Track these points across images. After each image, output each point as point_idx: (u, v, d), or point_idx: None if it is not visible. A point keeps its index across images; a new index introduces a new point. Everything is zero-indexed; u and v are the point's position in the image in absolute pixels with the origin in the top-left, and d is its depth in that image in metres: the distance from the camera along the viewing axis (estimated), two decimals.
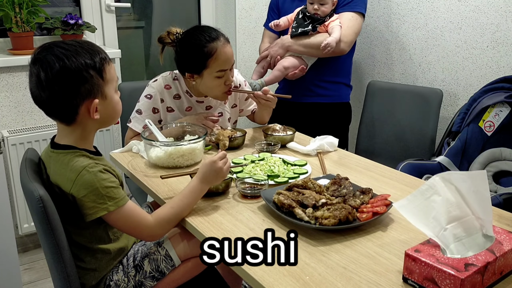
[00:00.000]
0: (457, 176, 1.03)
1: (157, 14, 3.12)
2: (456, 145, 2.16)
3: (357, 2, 2.28)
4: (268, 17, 2.48)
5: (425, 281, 0.95)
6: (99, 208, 1.16)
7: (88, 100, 1.17)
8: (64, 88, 1.14)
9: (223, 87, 1.79)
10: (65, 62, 1.13)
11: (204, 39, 1.72)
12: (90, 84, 1.17)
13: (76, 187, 1.15)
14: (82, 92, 1.16)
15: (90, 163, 1.18)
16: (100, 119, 1.22)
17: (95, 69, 1.17)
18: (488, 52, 2.27)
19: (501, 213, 1.31)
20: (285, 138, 1.84)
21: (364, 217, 1.21)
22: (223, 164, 1.32)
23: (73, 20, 2.50)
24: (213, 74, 1.74)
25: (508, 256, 1.00)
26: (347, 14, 2.27)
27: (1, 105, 2.42)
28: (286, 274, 1.03)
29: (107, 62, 1.21)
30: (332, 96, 2.39)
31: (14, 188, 2.41)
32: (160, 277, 1.32)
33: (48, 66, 1.13)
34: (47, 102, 1.17)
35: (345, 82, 2.44)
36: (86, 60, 1.16)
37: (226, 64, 1.74)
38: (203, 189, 1.32)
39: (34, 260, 2.51)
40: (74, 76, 1.14)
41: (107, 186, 1.17)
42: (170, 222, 1.27)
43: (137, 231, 1.24)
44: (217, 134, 1.77)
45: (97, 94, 1.18)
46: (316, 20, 2.22)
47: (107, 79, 1.21)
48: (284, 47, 2.27)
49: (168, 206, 1.28)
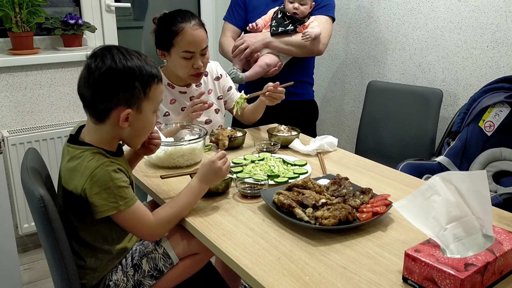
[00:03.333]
0: (457, 176, 1.03)
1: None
2: (456, 145, 2.16)
3: (329, 7, 2.37)
4: (232, 11, 2.47)
5: (425, 281, 0.95)
6: (110, 206, 1.17)
7: (122, 107, 1.19)
8: (105, 88, 1.17)
9: (190, 69, 1.80)
10: (116, 63, 1.17)
11: (175, 20, 1.76)
12: (130, 93, 1.19)
13: (89, 184, 1.16)
14: (120, 97, 1.18)
15: (105, 161, 1.19)
16: (127, 131, 1.24)
17: (141, 82, 1.20)
18: (488, 52, 2.27)
19: (501, 213, 1.31)
20: (289, 139, 1.84)
21: (364, 217, 1.21)
22: (222, 164, 1.32)
23: (73, 20, 2.50)
24: (179, 54, 1.77)
25: (508, 256, 1.00)
26: (322, 17, 2.33)
27: (1, 105, 2.42)
28: (286, 274, 1.03)
29: (156, 82, 1.24)
30: (301, 94, 2.44)
31: (14, 188, 2.41)
32: (158, 275, 1.32)
33: (101, 61, 1.17)
34: (87, 95, 1.19)
35: (310, 81, 2.51)
36: (136, 71, 1.19)
37: (192, 46, 1.76)
38: (202, 189, 1.32)
39: (34, 260, 2.51)
40: (118, 81, 1.17)
41: (119, 186, 1.18)
42: (170, 222, 1.27)
43: (139, 230, 1.25)
44: (217, 134, 1.77)
45: (133, 105, 1.20)
46: (297, 20, 2.26)
47: (149, 97, 1.23)
48: (264, 42, 2.27)
49: (168, 206, 1.28)
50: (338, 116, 3.12)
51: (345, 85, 3.03)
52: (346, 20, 2.92)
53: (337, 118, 3.13)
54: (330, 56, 3.07)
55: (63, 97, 2.57)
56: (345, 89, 3.03)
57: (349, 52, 2.96)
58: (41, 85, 2.50)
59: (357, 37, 2.88)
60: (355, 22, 2.88)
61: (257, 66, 2.27)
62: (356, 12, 2.85)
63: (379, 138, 2.62)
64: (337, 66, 3.06)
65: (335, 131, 3.13)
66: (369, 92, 2.68)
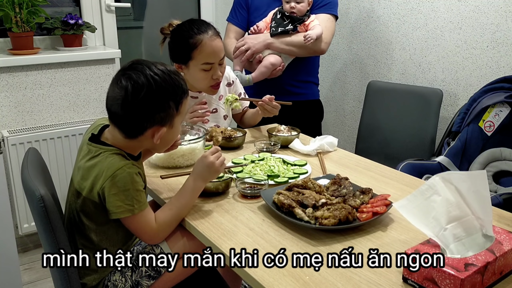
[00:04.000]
0: (457, 176, 1.03)
1: (157, 14, 3.12)
2: (456, 145, 2.16)
3: (332, 5, 2.35)
4: (235, 12, 2.47)
5: (425, 281, 0.95)
6: (125, 208, 1.19)
7: (158, 127, 1.22)
8: (142, 111, 1.19)
9: (209, 81, 1.79)
10: (152, 86, 1.19)
11: (192, 31, 1.73)
12: (166, 113, 1.22)
13: (109, 183, 1.17)
14: (156, 118, 1.21)
15: (128, 163, 1.21)
16: (157, 144, 1.26)
17: (175, 100, 1.23)
18: (488, 52, 2.27)
19: (501, 213, 1.31)
20: (289, 139, 1.84)
21: (364, 217, 1.21)
22: (215, 159, 1.32)
23: (73, 20, 2.50)
24: (199, 66, 1.75)
25: (508, 256, 1.00)
26: (323, 16, 2.31)
27: (1, 105, 2.42)
28: (286, 274, 1.03)
29: (186, 96, 1.27)
30: (305, 94, 2.43)
31: (14, 188, 2.41)
32: (156, 276, 1.32)
33: (137, 85, 1.18)
34: (120, 116, 1.21)
35: (314, 81, 2.50)
36: (170, 91, 1.22)
37: (212, 58, 1.74)
38: (198, 186, 1.32)
39: (34, 260, 2.51)
40: (155, 103, 1.20)
41: (138, 189, 1.20)
42: (170, 225, 1.29)
43: (143, 233, 1.26)
44: (210, 131, 1.76)
45: (167, 123, 1.24)
46: (296, 19, 2.25)
47: (180, 112, 1.26)
48: (265, 43, 2.26)
49: (167, 209, 1.29)
50: (338, 116, 3.12)
51: (345, 85, 3.03)
52: (346, 20, 2.92)
53: (337, 118, 3.13)
54: (330, 56, 3.07)
55: (63, 97, 2.57)
56: (346, 89, 3.03)
57: (349, 52, 2.96)
58: (41, 85, 2.50)
59: (357, 37, 2.88)
60: (355, 22, 2.88)
61: (262, 67, 2.27)
62: (356, 12, 2.85)
63: (379, 138, 2.62)
64: (337, 66, 3.06)
65: (335, 131, 3.14)
66: (370, 92, 2.68)
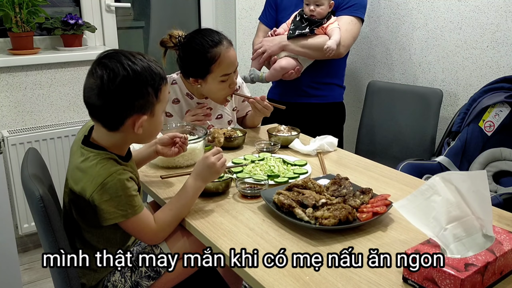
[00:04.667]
0: (457, 176, 1.03)
1: (157, 13, 3.12)
2: (456, 145, 2.16)
3: (357, 6, 2.28)
4: (265, 11, 2.48)
5: (425, 281, 0.95)
6: (118, 214, 1.18)
7: (138, 115, 1.20)
8: (120, 99, 1.16)
9: (227, 90, 1.80)
10: (128, 73, 1.16)
11: (207, 44, 1.71)
12: (145, 100, 1.19)
13: (100, 191, 1.16)
14: (135, 106, 1.18)
15: (119, 169, 1.19)
16: (141, 135, 1.24)
17: (153, 87, 1.20)
18: (488, 52, 2.27)
19: (501, 213, 1.31)
20: (289, 139, 1.84)
21: (364, 217, 1.21)
22: (216, 160, 1.32)
23: (73, 20, 2.50)
24: (218, 78, 1.74)
25: (508, 256, 1.00)
26: (346, 18, 2.27)
27: (1, 105, 2.42)
28: (286, 274, 1.03)
29: (165, 83, 1.24)
30: (325, 97, 2.40)
31: (14, 188, 2.41)
32: (156, 276, 1.32)
33: (113, 73, 1.15)
34: (98, 107, 1.18)
35: (338, 83, 2.45)
36: (148, 77, 1.19)
37: (230, 68, 1.75)
38: (198, 187, 1.31)
39: (34, 260, 2.51)
40: (133, 90, 1.17)
41: (130, 195, 1.19)
42: (170, 225, 1.29)
43: (142, 235, 1.26)
44: (212, 132, 1.76)
45: (147, 111, 1.21)
46: (314, 22, 2.22)
47: (161, 99, 1.23)
48: (281, 45, 2.26)
49: (167, 209, 1.29)
50: None
51: (345, 85, 3.02)
52: None
53: None
54: None
55: (63, 97, 2.57)
56: (345, 89, 3.03)
57: (349, 52, 2.95)
58: (41, 85, 2.50)
59: None
60: None
61: (272, 69, 2.28)
62: None
63: (379, 138, 2.62)
64: None
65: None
66: (369, 92, 2.68)
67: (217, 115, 1.95)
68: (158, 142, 1.50)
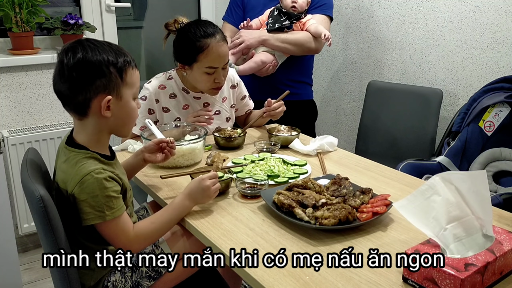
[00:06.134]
0: (457, 176, 1.03)
1: (157, 14, 3.12)
2: (456, 145, 2.16)
3: (328, 6, 2.37)
4: (230, 11, 2.48)
5: (425, 281, 0.95)
6: (96, 215, 1.16)
7: (102, 95, 1.17)
8: (81, 77, 1.15)
9: (211, 84, 1.79)
10: (88, 52, 1.16)
11: (199, 33, 1.73)
12: (107, 79, 1.17)
13: (78, 190, 1.15)
14: (97, 85, 1.16)
15: (97, 168, 1.17)
16: (112, 121, 1.21)
17: (116, 67, 1.19)
18: (488, 52, 2.27)
19: (501, 213, 1.31)
20: (289, 139, 1.84)
21: (364, 217, 1.21)
22: (211, 184, 1.30)
23: (73, 20, 2.50)
24: (203, 69, 1.75)
25: (508, 256, 1.00)
26: (319, 16, 2.33)
27: (1, 105, 2.42)
28: (286, 274, 1.03)
29: (132, 67, 1.23)
30: (299, 94, 2.43)
31: (14, 188, 2.41)
32: (156, 276, 1.31)
33: (72, 54, 1.15)
34: (64, 90, 1.17)
35: (308, 81, 2.50)
36: (109, 57, 1.18)
37: (216, 62, 1.74)
38: (187, 206, 1.29)
39: (34, 260, 2.51)
40: (93, 68, 1.16)
41: (108, 195, 1.17)
42: (147, 239, 1.25)
43: (116, 242, 1.22)
44: (213, 156, 1.74)
45: (112, 92, 1.19)
46: (293, 16, 2.25)
47: (127, 82, 1.21)
48: (260, 39, 2.27)
49: (149, 221, 1.26)
50: (338, 116, 3.12)
51: (345, 85, 3.03)
52: (346, 20, 2.92)
53: (337, 118, 3.13)
54: (330, 56, 3.07)
55: None
56: (345, 89, 3.03)
57: (349, 52, 2.96)
58: (41, 85, 2.50)
59: (357, 37, 2.88)
60: (355, 22, 2.88)
61: (252, 62, 2.27)
62: (356, 12, 2.85)
63: (379, 138, 2.62)
64: (337, 66, 3.06)
65: (335, 131, 3.14)
66: (369, 92, 2.68)
67: (215, 111, 1.95)
68: (145, 150, 1.47)
